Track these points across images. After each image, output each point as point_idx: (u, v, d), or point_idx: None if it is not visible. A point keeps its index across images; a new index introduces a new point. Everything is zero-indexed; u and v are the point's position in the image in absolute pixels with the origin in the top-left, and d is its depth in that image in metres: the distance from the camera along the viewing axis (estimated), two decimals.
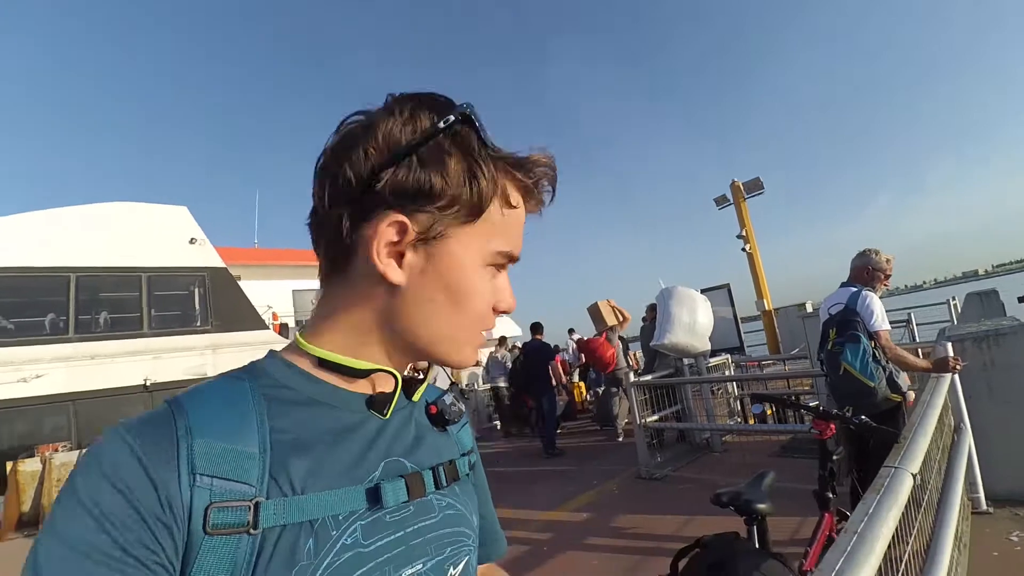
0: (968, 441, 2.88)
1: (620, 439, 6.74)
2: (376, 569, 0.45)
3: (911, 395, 2.86)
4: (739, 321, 9.96)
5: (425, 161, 0.48)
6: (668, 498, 4.32)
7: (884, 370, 2.79)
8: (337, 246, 0.50)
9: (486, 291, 0.53)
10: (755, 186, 11.36)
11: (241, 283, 12.29)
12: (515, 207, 0.54)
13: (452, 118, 0.48)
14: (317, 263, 0.54)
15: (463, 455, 0.62)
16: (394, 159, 0.47)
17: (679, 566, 1.36)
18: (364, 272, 0.50)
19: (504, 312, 0.56)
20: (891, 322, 3.05)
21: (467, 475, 0.61)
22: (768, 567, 1.25)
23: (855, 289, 2.99)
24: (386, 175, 0.47)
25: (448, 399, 0.62)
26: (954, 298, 9.09)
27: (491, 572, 0.74)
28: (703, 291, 7.86)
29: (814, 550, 1.81)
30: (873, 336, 2.82)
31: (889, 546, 1.35)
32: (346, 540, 0.44)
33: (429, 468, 0.54)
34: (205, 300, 11.15)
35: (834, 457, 2.08)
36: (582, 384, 10.65)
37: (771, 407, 5.93)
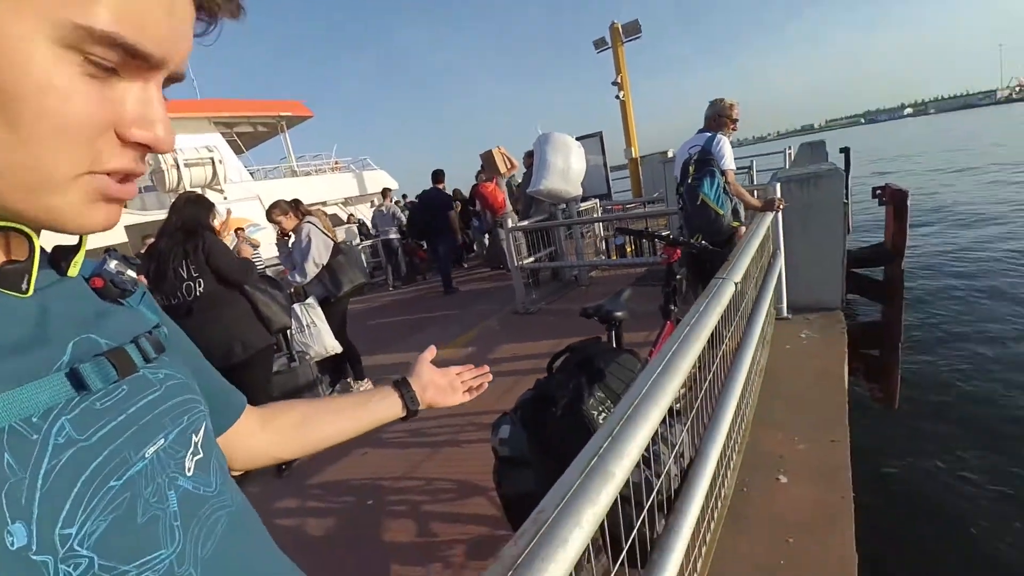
0: (780, 264, 3.51)
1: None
2: (112, 457, 0.40)
3: (743, 229, 3.38)
4: (608, 168, 10.52)
5: None
6: (541, 327, 4.86)
7: (731, 202, 3.24)
8: None
9: (73, 92, 0.34)
10: (633, 29, 11.12)
11: None
12: None
13: None
14: None
15: (155, 327, 0.52)
16: None
17: (553, 368, 1.61)
18: None
19: (148, 145, 0.40)
20: (737, 167, 3.47)
21: (170, 345, 0.53)
22: (623, 358, 1.55)
23: (710, 134, 3.34)
24: None
25: (112, 267, 0.51)
26: (790, 147, 10.36)
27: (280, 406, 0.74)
28: (578, 139, 8.07)
29: (656, 347, 2.23)
30: (723, 173, 3.23)
31: (716, 342, 1.71)
32: (57, 440, 0.37)
33: (130, 342, 0.46)
34: None
35: (677, 277, 2.46)
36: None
37: (631, 243, 6.63)
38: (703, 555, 1.52)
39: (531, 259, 5.73)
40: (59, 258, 0.46)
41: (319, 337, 3.86)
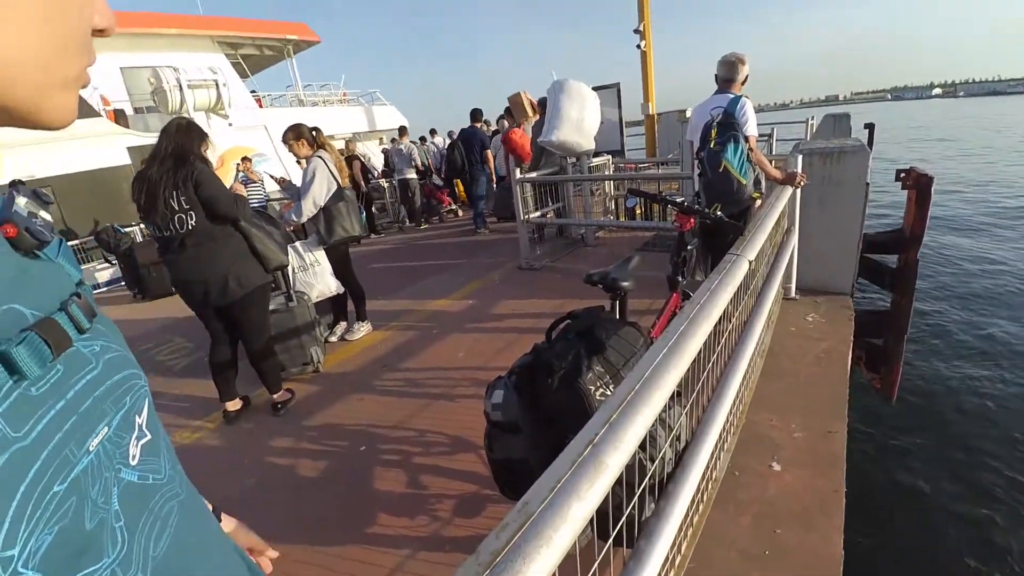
0: (794, 242, 3.40)
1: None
2: (54, 456, 0.33)
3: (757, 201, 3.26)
4: (623, 124, 10.16)
5: None
6: (544, 285, 4.80)
7: (754, 171, 3.09)
8: None
9: None
10: None
11: None
12: None
13: None
14: (149, 29, 0.36)
15: (79, 284, 0.44)
16: None
17: (553, 334, 1.56)
18: None
19: (104, 31, 0.38)
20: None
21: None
22: (625, 331, 1.49)
23: (733, 95, 3.14)
24: None
25: (22, 208, 0.42)
26: (812, 118, 9.95)
27: None
28: (593, 89, 7.77)
29: (661, 321, 2.17)
30: (746, 140, 3.05)
31: (723, 321, 1.64)
32: None
33: (60, 310, 0.38)
34: None
35: (688, 247, 2.37)
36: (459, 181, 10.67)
37: (642, 205, 6.48)
38: (689, 537, 1.52)
39: (537, 213, 5.60)
40: None
41: (322, 276, 3.82)
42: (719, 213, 2.25)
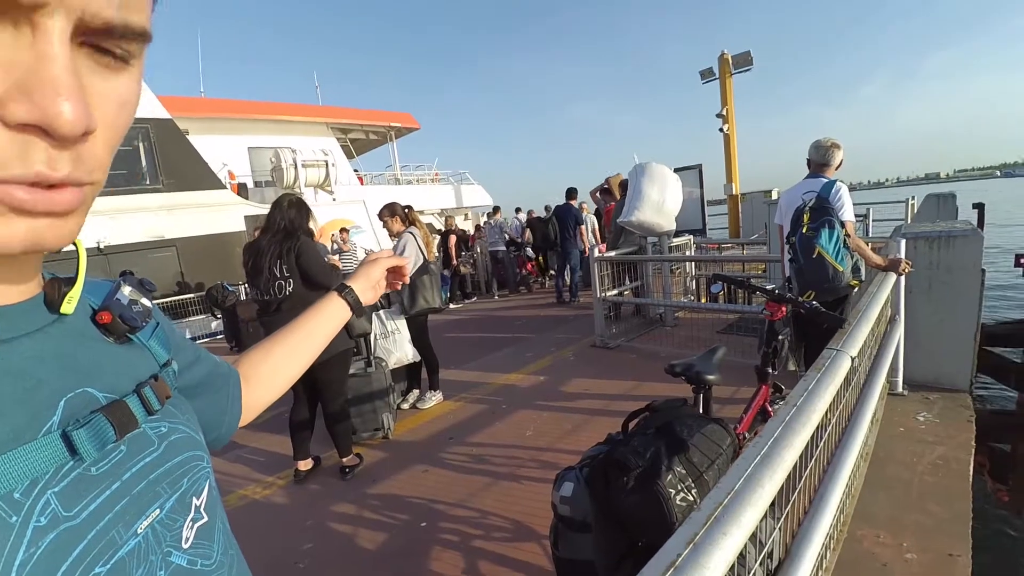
0: (899, 332, 3.11)
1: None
2: (100, 538, 0.34)
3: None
4: (705, 204, 10.07)
5: None
6: (618, 365, 4.64)
7: (852, 257, 2.92)
8: None
9: None
10: (744, 61, 10.77)
11: (190, 138, 11.52)
12: None
13: None
14: (274, 116, 0.35)
15: (163, 366, 0.47)
16: None
17: (629, 426, 1.47)
18: None
19: (39, 123, 0.26)
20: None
21: (176, 389, 0.48)
22: (710, 430, 1.38)
23: (827, 180, 3.02)
24: None
25: (125, 296, 0.44)
26: (913, 197, 9.35)
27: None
28: (676, 171, 7.87)
29: (748, 416, 2.01)
30: (842, 225, 2.90)
31: (822, 423, 1.49)
32: (39, 521, 0.31)
33: (133, 392, 0.40)
34: (152, 156, 10.52)
35: (779, 337, 2.22)
36: (541, 259, 10.88)
37: (724, 288, 6.23)
38: None
39: (614, 292, 5.54)
40: (53, 293, 0.38)
41: (401, 344, 3.94)
42: (814, 303, 2.10)
